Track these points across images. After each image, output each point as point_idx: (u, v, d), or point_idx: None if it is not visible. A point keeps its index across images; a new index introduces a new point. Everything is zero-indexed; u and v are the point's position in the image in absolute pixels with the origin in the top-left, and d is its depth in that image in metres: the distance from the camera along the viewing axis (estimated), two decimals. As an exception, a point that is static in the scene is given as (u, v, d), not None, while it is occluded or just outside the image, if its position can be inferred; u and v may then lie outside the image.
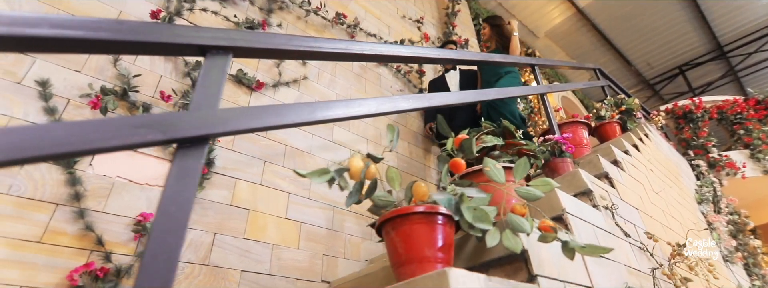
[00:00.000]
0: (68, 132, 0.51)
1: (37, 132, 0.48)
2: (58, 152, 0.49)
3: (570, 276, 0.93)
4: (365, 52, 1.10)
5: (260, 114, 0.73)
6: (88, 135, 0.52)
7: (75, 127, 0.51)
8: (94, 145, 0.53)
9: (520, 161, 0.83)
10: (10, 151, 0.45)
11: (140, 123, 0.58)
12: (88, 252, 1.44)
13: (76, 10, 1.84)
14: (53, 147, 0.49)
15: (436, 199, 0.77)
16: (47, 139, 0.49)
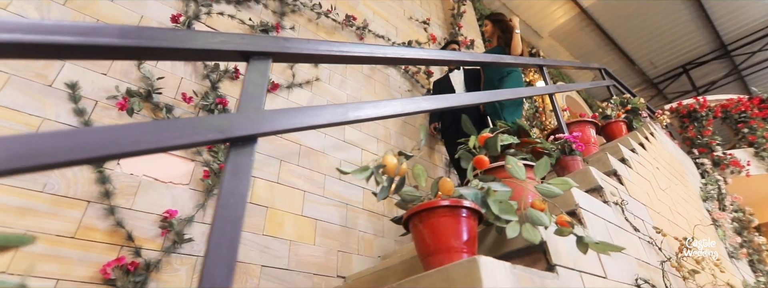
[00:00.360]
0: (143, 132, 0.57)
1: (119, 132, 0.54)
2: (136, 150, 0.55)
3: (585, 266, 0.98)
4: (388, 56, 1.16)
5: (300, 115, 0.79)
6: (161, 134, 0.59)
7: (149, 127, 0.57)
8: (166, 144, 0.59)
9: (541, 161, 0.89)
10: (98, 149, 0.51)
11: (201, 124, 0.64)
12: (119, 247, 1.50)
13: (101, 15, 1.91)
14: (132, 145, 0.55)
15: (462, 193, 0.83)
16: (125, 138, 0.55)
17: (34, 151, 0.47)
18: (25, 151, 0.46)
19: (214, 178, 1.82)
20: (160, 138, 0.58)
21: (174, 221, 1.62)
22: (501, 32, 3.05)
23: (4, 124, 1.46)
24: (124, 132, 0.55)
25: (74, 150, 0.50)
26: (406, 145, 3.13)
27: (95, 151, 0.51)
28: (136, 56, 0.70)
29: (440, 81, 3.39)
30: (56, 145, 0.49)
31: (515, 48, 2.88)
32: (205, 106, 1.98)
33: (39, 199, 1.42)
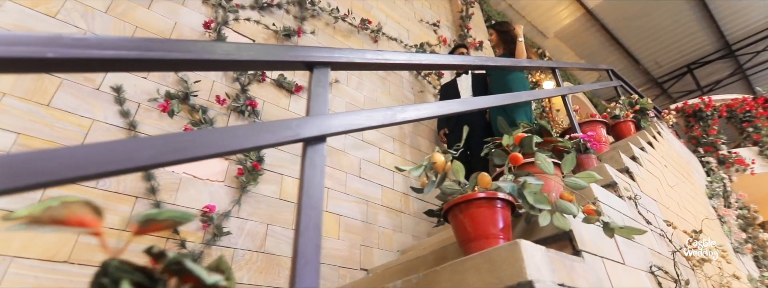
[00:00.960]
0: (246, 132, 0.68)
1: (225, 132, 0.65)
2: (240, 148, 0.66)
3: (606, 253, 1.09)
4: (423, 63, 1.26)
5: (358, 117, 0.90)
6: (260, 135, 0.70)
7: (239, 130, 0.68)
8: (263, 143, 0.70)
9: (568, 157, 0.99)
10: (198, 149, 0.62)
11: (280, 126, 0.75)
12: (165, 239, 1.62)
13: (139, 22, 2.02)
14: (237, 144, 0.66)
15: (500, 186, 0.93)
16: (230, 138, 0.66)
17: (173, 148, 0.58)
18: (166, 147, 0.57)
19: (247, 175, 1.93)
20: (260, 138, 0.69)
21: (213, 216, 1.74)
22: (505, 43, 3.11)
23: (60, 125, 1.58)
24: (228, 133, 0.66)
25: (199, 147, 0.61)
26: (420, 143, 3.23)
27: (215, 149, 0.62)
28: (225, 68, 0.81)
29: (448, 85, 3.40)
30: (183, 143, 0.60)
31: (520, 56, 2.93)
32: (237, 107, 2.09)
33: (94, 194, 1.53)
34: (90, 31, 1.84)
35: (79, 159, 0.45)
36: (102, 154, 0.47)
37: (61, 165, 0.43)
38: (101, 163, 0.47)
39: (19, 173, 0.39)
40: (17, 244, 1.32)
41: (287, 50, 0.89)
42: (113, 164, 0.51)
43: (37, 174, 0.40)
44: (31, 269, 1.32)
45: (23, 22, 1.68)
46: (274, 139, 0.71)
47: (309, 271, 0.65)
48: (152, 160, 0.56)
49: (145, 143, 0.56)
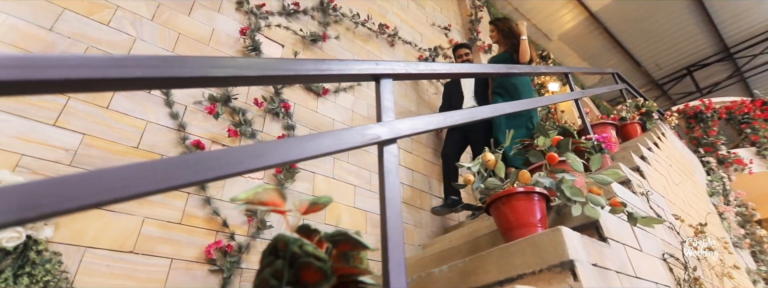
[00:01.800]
0: (333, 139, 0.82)
1: (313, 139, 0.78)
2: (327, 152, 0.80)
3: (626, 241, 1.23)
4: (461, 72, 1.41)
5: (421, 121, 1.04)
6: (335, 142, 0.83)
7: (322, 138, 0.81)
8: (347, 146, 0.84)
9: (595, 156, 1.14)
10: (279, 156, 0.76)
11: (364, 132, 0.89)
12: (215, 232, 1.76)
13: (182, 29, 2.16)
14: (326, 149, 0.80)
15: (540, 181, 1.07)
16: (325, 143, 0.79)
17: (259, 153, 0.72)
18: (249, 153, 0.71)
19: (285, 173, 2.07)
20: (343, 142, 0.83)
21: (258, 211, 1.87)
22: (508, 38, 3.01)
23: (119, 126, 1.71)
24: (314, 140, 0.79)
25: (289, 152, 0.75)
26: (432, 141, 3.37)
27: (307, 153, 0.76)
28: (313, 81, 0.95)
29: (450, 84, 3.39)
30: (269, 150, 0.73)
31: (523, 54, 2.86)
32: (272, 109, 2.23)
33: (152, 190, 1.67)
34: (139, 38, 1.98)
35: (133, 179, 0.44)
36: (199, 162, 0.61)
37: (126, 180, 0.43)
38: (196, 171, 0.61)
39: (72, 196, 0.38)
40: (89, 236, 1.46)
41: (359, 64, 1.03)
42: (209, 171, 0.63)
43: (99, 192, 0.39)
44: (103, 258, 1.45)
45: (81, 30, 1.81)
46: (357, 142, 0.86)
47: (395, 249, 0.78)
48: (281, 159, 0.70)
49: (270, 147, 0.69)
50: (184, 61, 0.66)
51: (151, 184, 0.45)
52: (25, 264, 1.26)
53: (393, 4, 4.00)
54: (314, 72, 0.91)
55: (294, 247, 0.54)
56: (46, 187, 0.37)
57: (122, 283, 1.44)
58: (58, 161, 1.51)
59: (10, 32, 1.62)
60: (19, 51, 1.60)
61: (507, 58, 2.97)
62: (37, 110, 1.55)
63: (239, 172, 0.62)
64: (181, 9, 2.23)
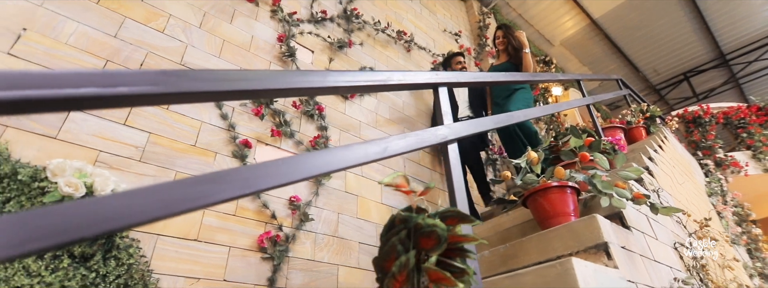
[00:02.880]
0: (408, 141, 0.99)
1: (397, 140, 0.95)
2: (406, 150, 0.96)
3: (644, 229, 1.41)
4: (487, 80, 1.59)
5: (475, 125, 1.21)
6: (411, 143, 1.00)
7: (409, 137, 0.98)
8: (420, 146, 1.01)
9: (620, 155, 1.32)
10: (375, 155, 0.93)
11: (433, 133, 1.05)
12: (264, 224, 1.92)
13: (225, 36, 2.32)
14: (400, 149, 0.97)
15: (575, 176, 1.25)
16: (405, 144, 0.96)
17: (357, 153, 0.88)
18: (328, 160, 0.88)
19: (322, 170, 2.23)
20: (425, 140, 1.00)
21: (300, 205, 2.04)
22: (513, 48, 2.98)
23: (178, 126, 1.87)
24: (408, 137, 0.96)
25: (384, 150, 0.92)
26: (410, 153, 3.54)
27: (394, 151, 0.93)
28: (383, 90, 1.12)
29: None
30: (365, 154, 0.90)
31: (527, 67, 2.84)
32: (307, 111, 2.40)
33: (209, 184, 1.83)
34: (190, 45, 2.14)
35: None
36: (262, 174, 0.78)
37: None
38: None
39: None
40: (160, 224, 1.61)
41: (421, 75, 1.20)
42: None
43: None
44: (172, 245, 1.61)
45: (140, 37, 1.97)
46: (433, 141, 1.03)
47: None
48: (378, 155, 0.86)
49: (361, 147, 0.86)
50: (322, 74, 0.83)
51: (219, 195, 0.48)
52: (112, 248, 1.41)
53: (408, 12, 4.18)
54: (381, 82, 1.08)
55: (418, 219, 0.71)
56: (130, 198, 0.41)
57: (190, 268, 1.60)
58: (129, 157, 1.67)
59: (81, 39, 1.77)
60: (91, 57, 1.76)
61: (509, 69, 2.94)
62: (110, 110, 1.70)
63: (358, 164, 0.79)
64: (224, 17, 2.39)
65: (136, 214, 0.40)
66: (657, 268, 1.31)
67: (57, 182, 1.30)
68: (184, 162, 1.80)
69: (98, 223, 0.37)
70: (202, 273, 1.61)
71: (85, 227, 0.36)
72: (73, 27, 1.77)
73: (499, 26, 3.16)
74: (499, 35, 3.10)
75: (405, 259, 0.69)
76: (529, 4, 6.83)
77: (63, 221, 0.35)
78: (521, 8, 6.88)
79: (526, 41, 2.93)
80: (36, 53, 1.62)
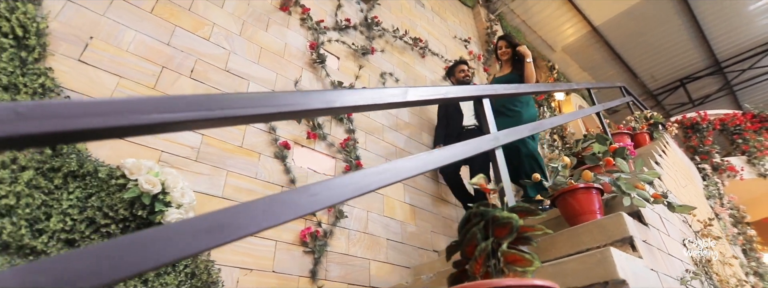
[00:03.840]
0: (466, 147, 1.14)
1: (462, 147, 1.10)
2: (468, 154, 1.12)
3: (658, 226, 1.58)
4: (513, 91, 1.75)
5: (512, 134, 1.37)
6: (476, 148, 1.16)
7: (466, 145, 1.13)
8: (486, 149, 1.16)
9: (638, 160, 1.48)
10: (422, 167, 1.08)
11: (486, 140, 1.21)
12: (304, 220, 2.06)
13: (262, 43, 2.46)
14: (460, 155, 1.12)
15: (601, 178, 1.41)
16: (469, 150, 1.12)
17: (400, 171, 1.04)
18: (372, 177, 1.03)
19: (355, 170, 2.38)
20: (481, 147, 1.16)
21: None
22: (516, 59, 2.96)
23: (228, 129, 2.02)
24: (466, 145, 1.12)
25: (451, 157, 1.07)
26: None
27: (457, 156, 1.08)
28: (438, 102, 1.27)
29: (448, 103, 3.20)
30: (420, 164, 1.06)
31: (530, 78, 2.80)
32: (337, 116, 2.55)
33: (256, 183, 1.97)
34: (232, 52, 2.28)
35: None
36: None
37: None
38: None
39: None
40: (216, 218, 1.76)
41: (469, 89, 1.36)
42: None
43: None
44: (227, 237, 1.75)
45: (189, 45, 2.11)
46: (487, 147, 1.19)
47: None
48: (442, 162, 1.02)
49: (432, 156, 1.02)
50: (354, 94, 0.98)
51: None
52: (180, 240, 1.56)
53: (421, 19, 4.34)
54: (441, 96, 1.23)
55: (495, 212, 0.86)
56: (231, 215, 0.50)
57: (243, 259, 1.74)
58: (187, 157, 1.81)
59: (140, 47, 1.91)
60: (149, 63, 1.90)
61: (514, 79, 2.90)
62: (168, 114, 1.84)
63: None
64: (260, 25, 2.54)
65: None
66: (671, 261, 1.48)
67: (136, 180, 1.44)
68: (233, 162, 1.94)
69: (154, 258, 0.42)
70: (253, 264, 1.76)
71: (149, 260, 0.41)
72: (131, 35, 1.91)
73: (501, 37, 3.12)
74: (501, 46, 3.06)
75: (485, 245, 0.85)
76: (533, 11, 7.03)
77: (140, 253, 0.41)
78: (525, 15, 7.08)
79: (528, 52, 2.88)
80: (102, 60, 1.76)
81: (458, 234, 0.94)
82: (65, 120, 0.41)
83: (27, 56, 1.52)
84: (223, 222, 0.49)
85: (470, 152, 1.13)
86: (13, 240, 1.24)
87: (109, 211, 1.42)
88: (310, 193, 0.64)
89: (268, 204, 0.57)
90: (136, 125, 0.47)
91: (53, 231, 1.31)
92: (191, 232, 0.45)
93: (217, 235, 0.47)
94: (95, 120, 0.44)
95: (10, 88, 1.44)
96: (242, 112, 0.61)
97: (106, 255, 0.39)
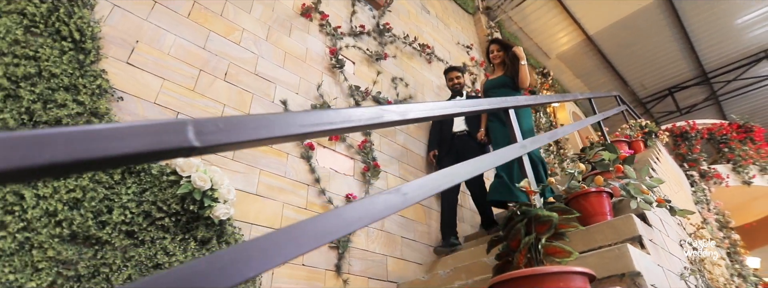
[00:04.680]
0: (495, 158, 1.29)
1: (475, 163, 1.25)
2: (499, 162, 1.27)
3: (659, 227, 1.75)
4: (523, 103, 1.90)
5: (541, 139, 1.52)
6: (502, 157, 1.31)
7: (494, 155, 1.29)
8: (509, 158, 1.31)
9: (644, 167, 1.65)
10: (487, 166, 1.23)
11: (518, 147, 1.36)
12: (328, 217, 2.18)
13: (286, 48, 2.58)
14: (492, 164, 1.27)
15: (612, 183, 1.57)
16: (492, 160, 1.26)
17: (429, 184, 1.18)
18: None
19: (372, 171, 2.52)
20: (509, 156, 1.30)
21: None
22: (509, 61, 2.87)
23: (258, 130, 2.13)
24: (494, 155, 1.26)
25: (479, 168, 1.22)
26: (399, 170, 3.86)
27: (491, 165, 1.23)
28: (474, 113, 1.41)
29: None
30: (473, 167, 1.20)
31: (524, 80, 2.70)
32: (356, 118, 2.67)
33: (284, 182, 2.09)
34: (260, 56, 2.39)
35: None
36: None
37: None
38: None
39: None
40: (251, 216, 1.87)
41: (499, 101, 1.50)
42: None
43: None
44: (262, 232, 1.87)
45: (222, 49, 2.22)
46: (516, 155, 1.33)
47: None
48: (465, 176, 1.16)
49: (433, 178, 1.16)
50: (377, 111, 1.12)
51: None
52: (223, 234, 1.67)
53: (427, 25, 4.49)
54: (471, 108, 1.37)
55: (537, 211, 1.01)
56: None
57: (277, 253, 1.86)
58: (224, 156, 1.92)
59: (179, 50, 2.02)
60: (189, 66, 2.00)
61: (507, 82, 2.82)
62: (206, 115, 1.95)
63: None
64: (284, 31, 2.65)
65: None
66: (671, 259, 1.64)
67: (189, 176, 1.55)
68: (265, 161, 2.06)
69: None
70: (286, 257, 1.88)
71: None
72: (172, 39, 2.01)
73: (492, 41, 3.07)
74: (493, 49, 3.00)
75: (528, 240, 0.99)
76: (530, 19, 7.25)
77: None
78: (522, 22, 7.29)
79: (523, 54, 2.80)
80: (147, 63, 1.86)
81: (501, 230, 1.08)
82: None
83: (84, 59, 1.62)
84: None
85: (500, 161, 1.26)
86: (80, 230, 1.35)
87: (163, 205, 1.53)
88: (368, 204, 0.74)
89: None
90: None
91: (115, 223, 1.42)
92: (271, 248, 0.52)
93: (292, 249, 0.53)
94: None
95: (70, 88, 1.54)
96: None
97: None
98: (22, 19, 1.55)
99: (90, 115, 1.53)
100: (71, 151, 0.33)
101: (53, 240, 1.28)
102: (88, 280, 1.30)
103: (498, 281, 0.95)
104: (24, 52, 1.49)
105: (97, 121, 1.53)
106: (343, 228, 0.62)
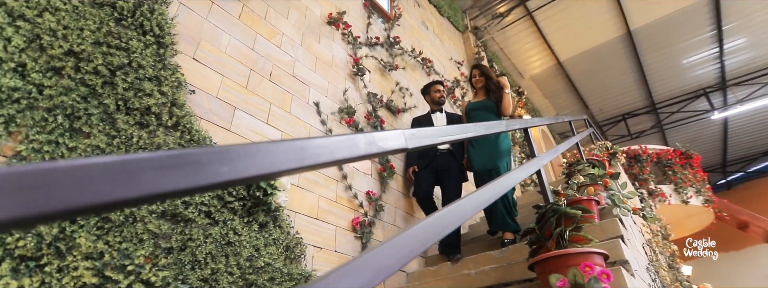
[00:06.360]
0: (521, 173, 1.64)
1: (528, 168, 1.60)
2: (527, 175, 1.62)
3: (633, 231, 2.17)
4: (524, 125, 2.28)
5: (548, 155, 1.89)
6: (527, 172, 1.66)
7: (521, 170, 1.63)
8: (533, 171, 1.66)
9: (624, 182, 2.05)
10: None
11: (534, 162, 1.71)
12: (353, 210, 2.44)
13: (317, 53, 2.81)
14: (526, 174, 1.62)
15: (600, 193, 1.96)
16: (523, 172, 1.61)
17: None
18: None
19: (388, 172, 2.80)
20: (530, 171, 1.65)
21: (375, 198, 2.59)
22: (493, 86, 2.95)
23: (297, 127, 2.35)
24: (523, 170, 1.61)
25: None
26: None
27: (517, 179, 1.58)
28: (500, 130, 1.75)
29: (421, 119, 3.24)
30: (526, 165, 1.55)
31: (507, 108, 2.84)
32: (373, 123, 2.95)
33: (319, 176, 2.33)
34: (296, 59, 2.61)
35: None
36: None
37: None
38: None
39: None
40: (296, 205, 2.10)
41: (516, 122, 1.85)
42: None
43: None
44: (303, 220, 2.10)
45: (267, 51, 2.42)
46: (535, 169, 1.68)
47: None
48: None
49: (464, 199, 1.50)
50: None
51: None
52: (277, 219, 1.89)
53: (426, 40, 4.85)
54: (513, 126, 1.71)
55: (566, 209, 1.34)
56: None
57: (315, 238, 2.10)
58: (271, 149, 2.13)
59: (234, 50, 2.21)
60: (242, 66, 2.20)
61: (490, 106, 2.93)
62: (258, 112, 2.16)
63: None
64: (314, 37, 2.89)
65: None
66: (641, 255, 2.06)
67: (257, 166, 1.77)
68: (303, 157, 2.28)
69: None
70: (322, 244, 2.12)
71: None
72: (227, 39, 2.20)
73: (475, 66, 3.16)
74: (475, 74, 3.07)
75: (558, 230, 1.33)
76: (510, 41, 7.85)
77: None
78: (503, 44, 7.88)
79: (507, 83, 2.92)
80: (209, 59, 2.05)
81: (536, 223, 1.41)
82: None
83: (164, 52, 1.79)
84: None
85: (524, 177, 1.60)
86: (170, 209, 1.53)
87: (233, 190, 1.73)
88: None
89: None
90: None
91: (196, 203, 1.61)
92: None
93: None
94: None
95: (153, 79, 1.71)
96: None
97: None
98: (112, 11, 1.70)
99: (171, 105, 1.71)
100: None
101: (151, 215, 1.46)
102: (179, 252, 1.49)
103: (540, 259, 1.28)
104: (117, 43, 1.65)
105: (178, 110, 1.71)
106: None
